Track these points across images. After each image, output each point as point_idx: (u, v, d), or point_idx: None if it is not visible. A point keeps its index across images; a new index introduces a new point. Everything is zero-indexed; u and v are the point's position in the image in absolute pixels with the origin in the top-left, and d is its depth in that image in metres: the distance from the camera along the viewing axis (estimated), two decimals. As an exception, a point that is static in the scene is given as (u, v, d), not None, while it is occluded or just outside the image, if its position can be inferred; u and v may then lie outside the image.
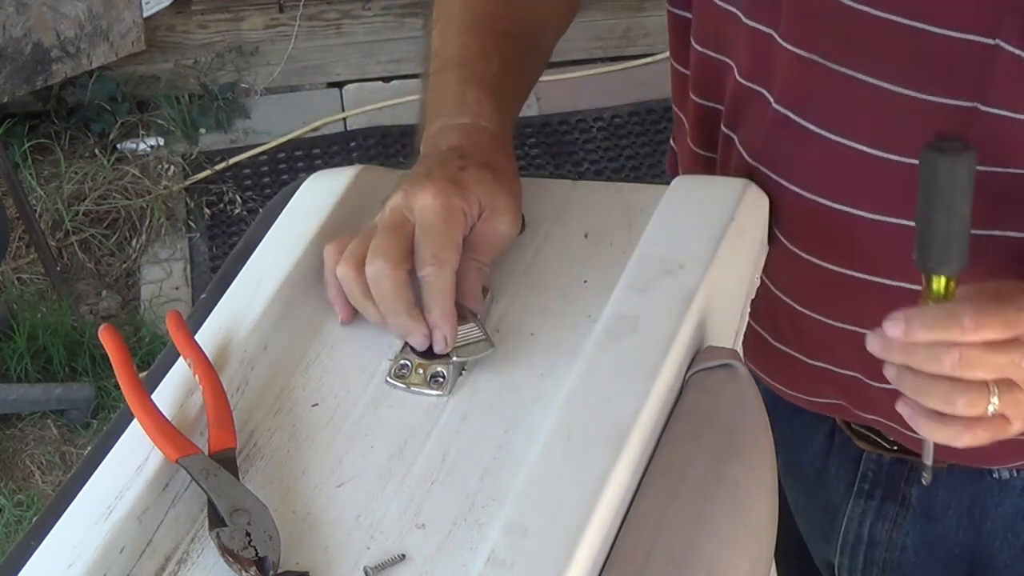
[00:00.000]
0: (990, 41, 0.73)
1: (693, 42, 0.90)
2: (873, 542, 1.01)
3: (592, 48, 3.14)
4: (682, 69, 0.95)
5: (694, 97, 0.93)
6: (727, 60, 0.87)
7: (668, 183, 0.86)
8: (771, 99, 0.84)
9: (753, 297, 0.89)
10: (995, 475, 0.95)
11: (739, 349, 0.86)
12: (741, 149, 0.88)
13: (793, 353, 0.94)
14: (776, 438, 1.04)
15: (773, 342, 0.95)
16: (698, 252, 0.79)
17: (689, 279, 0.77)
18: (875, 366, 0.89)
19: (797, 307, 0.91)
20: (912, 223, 0.78)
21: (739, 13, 0.84)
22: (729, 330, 0.84)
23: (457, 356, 0.77)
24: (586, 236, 0.85)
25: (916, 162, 0.74)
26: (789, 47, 0.81)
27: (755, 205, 0.84)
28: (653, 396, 0.70)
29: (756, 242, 0.86)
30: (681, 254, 0.79)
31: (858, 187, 0.82)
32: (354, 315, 0.80)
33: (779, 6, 0.81)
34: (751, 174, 0.87)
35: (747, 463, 0.72)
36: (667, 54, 0.98)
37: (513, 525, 0.64)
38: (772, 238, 0.88)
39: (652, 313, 0.75)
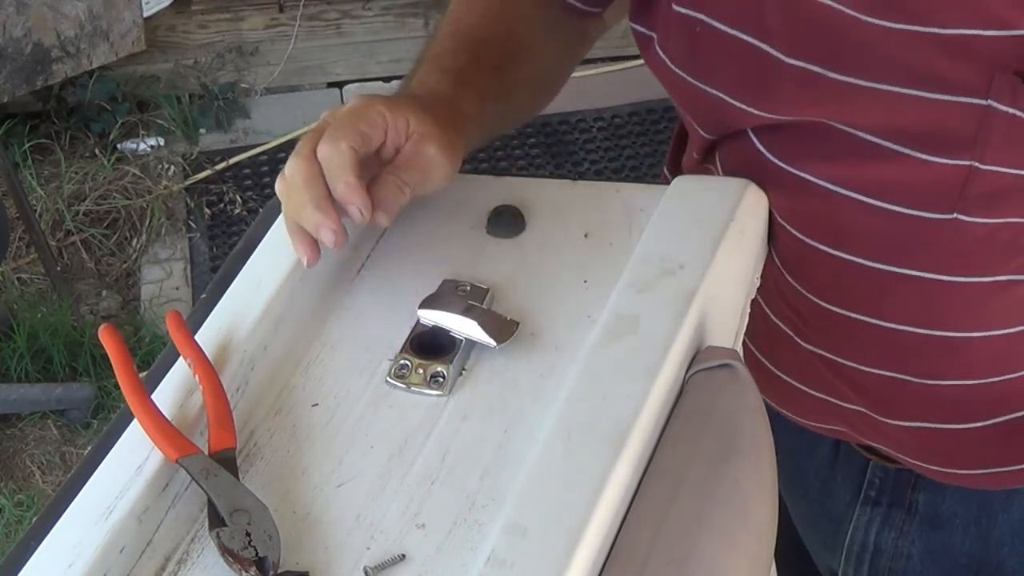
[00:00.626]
0: (982, 102, 0.73)
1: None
2: (879, 550, 1.01)
3: (592, 48, 3.13)
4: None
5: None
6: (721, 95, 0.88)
7: (668, 183, 0.86)
8: (762, 148, 0.84)
9: (753, 298, 0.89)
10: None
11: (739, 349, 0.86)
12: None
13: (796, 384, 0.94)
14: (780, 447, 1.05)
15: (776, 372, 0.95)
16: (698, 252, 0.79)
17: (689, 279, 0.77)
18: (880, 401, 0.90)
19: (799, 341, 0.91)
20: (911, 272, 0.80)
21: (721, 94, 0.84)
22: (729, 330, 0.84)
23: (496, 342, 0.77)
24: (586, 236, 0.85)
25: (920, 214, 0.75)
26: (776, 117, 0.81)
27: (755, 205, 0.84)
28: (653, 396, 0.70)
29: (756, 242, 0.86)
30: (681, 254, 0.78)
31: (854, 236, 0.83)
32: (316, 253, 0.78)
33: (761, 81, 0.81)
34: None
35: (747, 463, 0.71)
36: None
37: (513, 525, 0.64)
38: (771, 263, 0.89)
39: (652, 313, 0.75)
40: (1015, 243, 0.79)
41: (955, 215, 0.78)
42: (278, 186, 0.78)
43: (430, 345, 0.78)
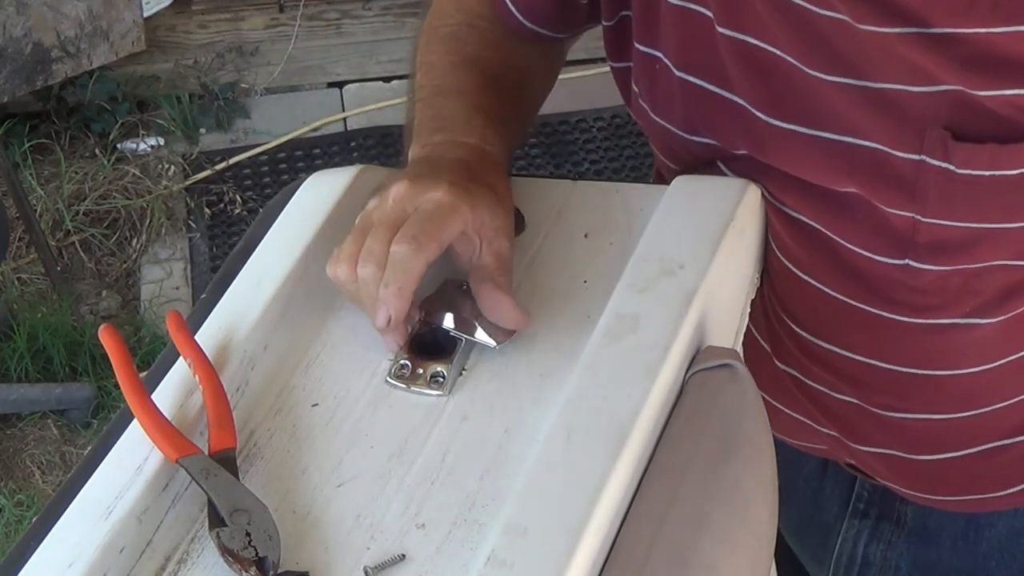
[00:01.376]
0: (916, 157, 0.73)
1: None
2: (867, 563, 1.00)
3: (592, 48, 3.12)
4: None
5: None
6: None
7: (668, 183, 0.86)
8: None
9: (753, 296, 0.89)
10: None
11: (739, 349, 0.86)
12: None
13: (773, 403, 0.94)
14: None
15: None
16: (698, 252, 0.79)
17: (689, 279, 0.77)
18: (849, 428, 0.91)
19: (775, 361, 0.92)
20: (872, 309, 0.82)
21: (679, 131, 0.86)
22: (729, 330, 0.84)
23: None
24: (586, 236, 0.85)
25: (876, 257, 0.77)
26: (732, 152, 0.82)
27: (755, 205, 0.84)
28: (653, 396, 0.70)
29: (756, 242, 0.86)
30: (681, 254, 0.78)
31: (822, 265, 0.83)
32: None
33: (716, 123, 0.82)
34: None
35: (747, 463, 0.71)
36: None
37: (513, 525, 0.64)
38: (762, 287, 0.90)
39: (652, 313, 0.75)
40: (966, 288, 0.80)
41: (907, 261, 0.79)
42: (332, 267, 0.77)
43: (430, 345, 0.78)
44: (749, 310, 0.88)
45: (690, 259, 0.78)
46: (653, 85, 0.86)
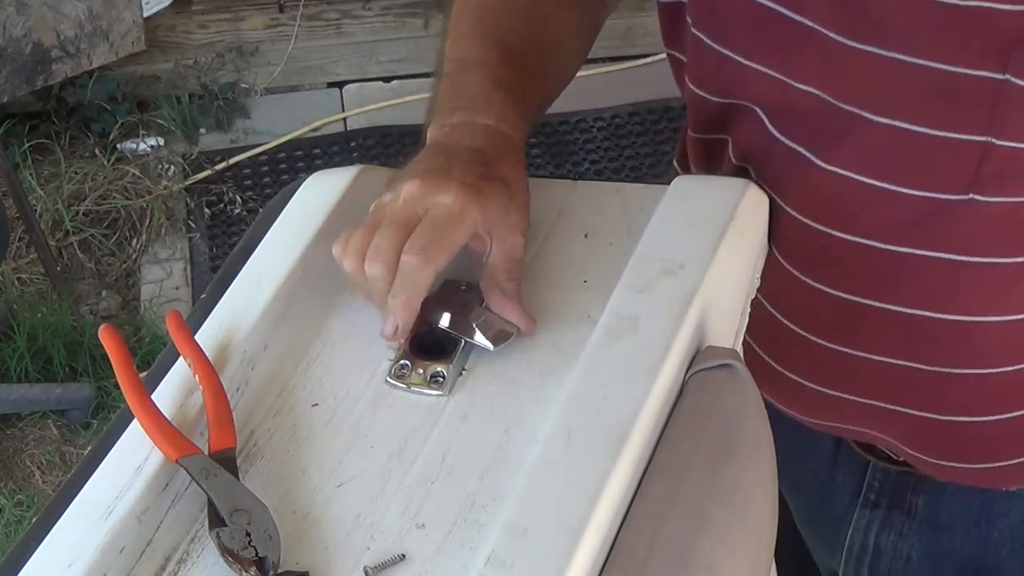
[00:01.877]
0: (1000, 76, 0.72)
1: (690, 85, 0.90)
2: (878, 552, 1.00)
3: (592, 48, 3.13)
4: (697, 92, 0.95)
5: (693, 133, 0.93)
6: (740, 102, 0.87)
7: (668, 183, 0.86)
8: (775, 131, 0.84)
9: (751, 308, 0.89)
10: (1003, 486, 0.95)
11: (739, 349, 0.86)
12: (754, 179, 0.87)
13: (803, 382, 0.93)
14: (781, 448, 1.05)
15: (782, 370, 0.94)
16: (698, 252, 0.79)
17: (689, 279, 0.77)
18: (892, 393, 0.90)
19: (809, 336, 0.90)
20: (925, 253, 0.79)
21: (740, 58, 0.84)
22: (729, 330, 0.84)
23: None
24: (586, 236, 0.85)
25: (935, 196, 0.75)
26: (795, 84, 0.80)
27: (755, 205, 0.84)
28: (653, 396, 0.70)
29: (756, 242, 0.86)
30: (681, 254, 0.78)
31: (868, 220, 0.82)
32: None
33: (781, 47, 0.80)
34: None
35: (747, 463, 0.71)
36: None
37: (513, 525, 0.64)
38: (777, 264, 0.88)
39: (652, 313, 0.75)
40: None
41: (971, 195, 0.77)
42: (345, 262, 0.78)
43: (430, 345, 0.78)
44: (750, 310, 0.88)
45: (690, 259, 0.78)
46: (713, 12, 0.85)
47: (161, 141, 2.92)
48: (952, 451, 0.93)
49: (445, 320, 0.78)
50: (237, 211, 2.80)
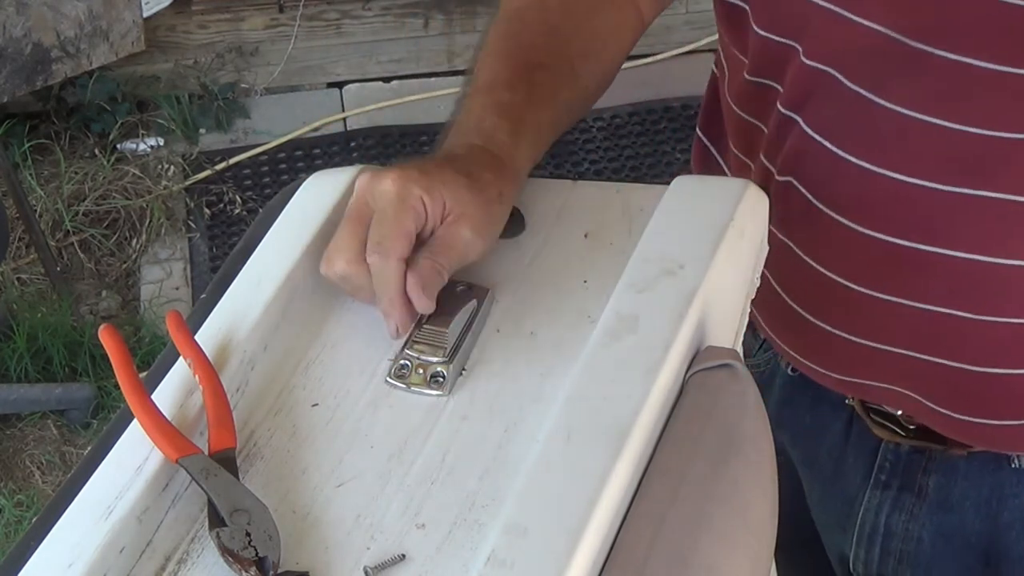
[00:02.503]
0: None
1: (755, 27, 0.90)
2: (889, 533, 1.01)
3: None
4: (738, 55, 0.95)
5: (749, 76, 0.93)
6: (791, 43, 0.87)
7: (668, 183, 0.86)
8: (843, 79, 0.83)
9: (765, 280, 0.88)
10: (1015, 465, 0.96)
11: (739, 349, 0.86)
12: (804, 126, 0.87)
13: (839, 333, 0.93)
14: (793, 429, 1.05)
15: (812, 319, 0.94)
16: (698, 252, 0.79)
17: (689, 279, 0.77)
18: (932, 343, 0.90)
19: (850, 284, 0.90)
20: (980, 193, 0.79)
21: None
22: (729, 330, 0.84)
23: (413, 352, 0.78)
24: (586, 236, 0.85)
25: (994, 134, 0.75)
26: (867, 24, 0.80)
27: (755, 205, 0.84)
28: (653, 396, 0.70)
29: (756, 242, 0.86)
30: (681, 254, 0.78)
31: (924, 159, 0.82)
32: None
33: None
34: (810, 149, 0.87)
35: (747, 463, 0.71)
36: (667, 54, 0.99)
37: (513, 525, 0.64)
38: (819, 213, 0.88)
39: (652, 313, 0.75)
40: None
41: None
42: (322, 270, 0.80)
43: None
44: (750, 310, 0.88)
45: (690, 259, 0.78)
46: None
47: (161, 141, 2.92)
48: (981, 406, 0.92)
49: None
50: (237, 211, 2.80)
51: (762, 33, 0.89)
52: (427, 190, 0.77)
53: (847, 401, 1.00)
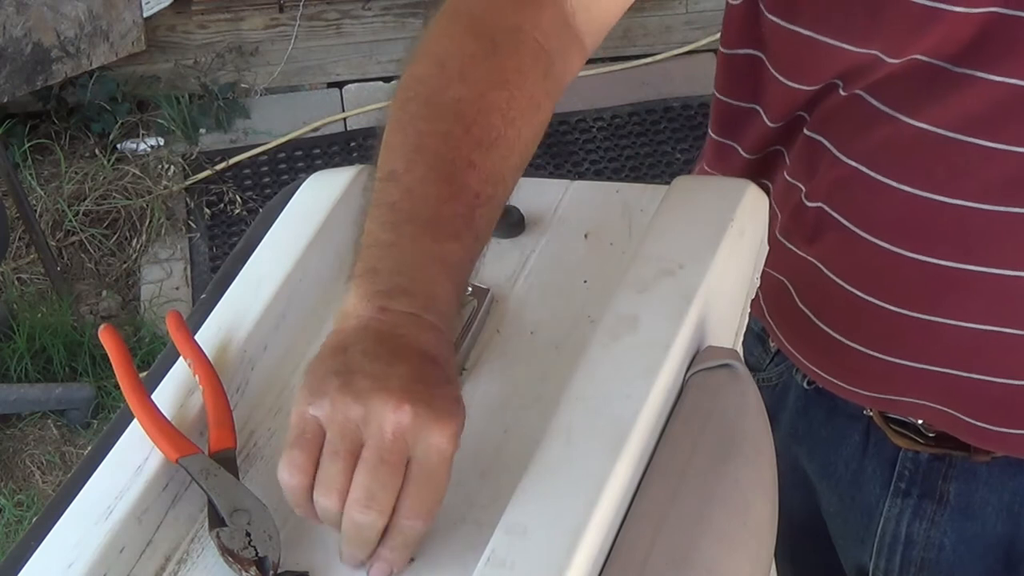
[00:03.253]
0: None
1: (784, 80, 0.89)
2: (911, 542, 1.01)
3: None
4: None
5: (771, 123, 0.92)
6: (827, 83, 0.86)
7: (668, 183, 0.86)
8: (875, 102, 0.83)
9: (791, 298, 0.88)
10: None
11: (739, 349, 0.86)
12: (835, 151, 0.87)
13: (874, 354, 0.93)
14: (810, 442, 1.04)
15: (840, 338, 0.94)
16: (698, 252, 0.79)
17: (689, 279, 0.77)
18: (976, 360, 0.89)
19: (887, 305, 0.90)
20: (1019, 210, 0.79)
21: (831, 40, 0.83)
22: (729, 330, 0.84)
23: None
24: (586, 236, 0.85)
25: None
26: (902, 60, 0.80)
27: (755, 205, 0.84)
28: (653, 396, 0.70)
29: (756, 242, 0.86)
30: (681, 254, 0.78)
31: (964, 179, 0.82)
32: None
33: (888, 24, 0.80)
34: (843, 174, 0.87)
35: (747, 463, 0.71)
36: (667, 54, 0.98)
37: (513, 525, 0.64)
38: (852, 237, 0.88)
39: (652, 313, 0.75)
40: None
41: None
42: (322, 500, 0.66)
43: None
44: (749, 310, 0.88)
45: (690, 259, 0.78)
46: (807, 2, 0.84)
47: (161, 141, 2.92)
48: (1013, 416, 0.92)
49: None
50: (237, 211, 2.80)
51: (793, 85, 0.88)
52: (462, 429, 0.67)
53: (865, 411, 1.00)
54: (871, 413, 1.00)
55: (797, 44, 0.84)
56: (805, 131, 0.89)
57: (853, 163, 0.86)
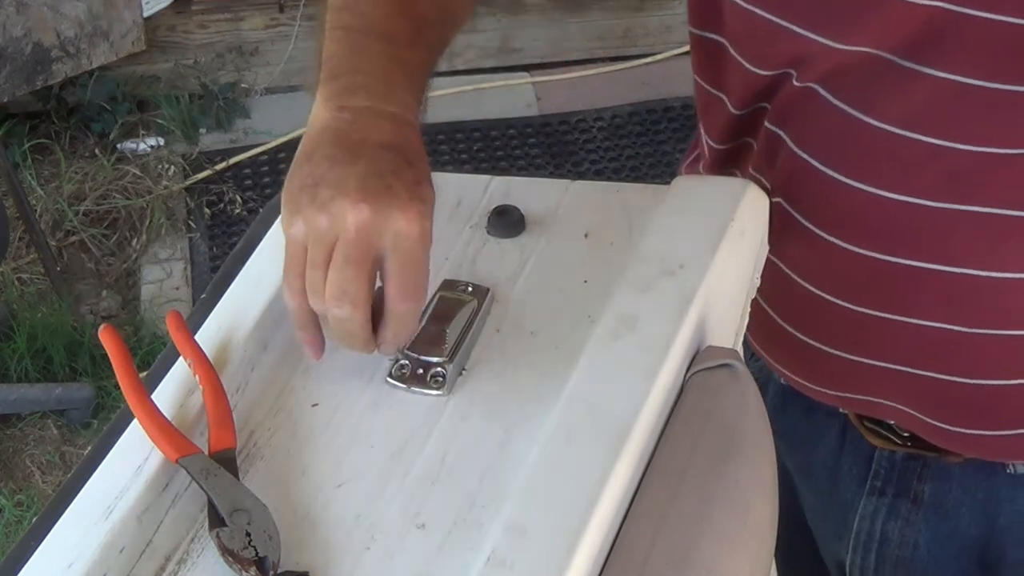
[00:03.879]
0: None
1: (745, 64, 0.89)
2: (885, 540, 1.01)
3: (592, 48, 3.13)
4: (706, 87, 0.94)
5: (736, 110, 0.92)
6: (784, 71, 0.86)
7: (668, 183, 0.86)
8: (829, 96, 0.83)
9: (754, 296, 0.89)
10: (1009, 470, 0.95)
11: (739, 349, 0.86)
12: (791, 145, 0.87)
13: (830, 350, 0.93)
14: (788, 438, 1.05)
15: (801, 337, 0.94)
16: (698, 252, 0.79)
17: (689, 279, 0.77)
18: (929, 356, 0.89)
19: (840, 302, 0.90)
20: (970, 208, 0.79)
21: (795, 27, 0.82)
22: (729, 330, 0.84)
23: (413, 352, 0.77)
24: (586, 236, 0.85)
25: (986, 150, 0.75)
26: (855, 48, 0.80)
27: (755, 205, 0.84)
28: (653, 396, 0.70)
29: (756, 242, 0.86)
30: (681, 254, 0.79)
31: (915, 177, 0.82)
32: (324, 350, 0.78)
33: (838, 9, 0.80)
34: (797, 168, 0.86)
35: (747, 463, 0.72)
36: (667, 54, 0.98)
37: (513, 525, 0.64)
38: (807, 232, 0.88)
39: (652, 313, 0.75)
40: None
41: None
42: (311, 301, 0.74)
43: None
44: (750, 310, 0.88)
45: (690, 259, 0.78)
46: None
47: (161, 141, 2.92)
48: (973, 417, 0.92)
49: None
50: (237, 211, 2.80)
51: (752, 69, 0.88)
52: (431, 218, 0.73)
53: (841, 410, 1.00)
54: (846, 411, 1.00)
55: (753, 24, 0.84)
56: (766, 123, 0.89)
57: (807, 157, 0.85)
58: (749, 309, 0.88)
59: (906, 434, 0.97)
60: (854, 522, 1.02)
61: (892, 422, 0.97)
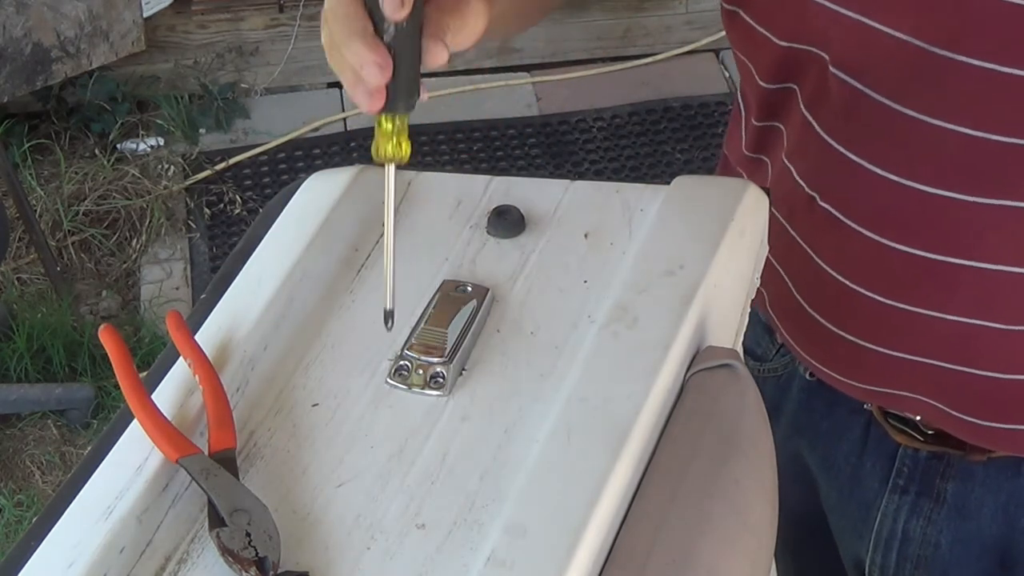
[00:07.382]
0: None
1: (774, 39, 0.89)
2: (907, 538, 1.01)
3: (592, 48, 3.14)
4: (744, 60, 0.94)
5: (765, 83, 0.92)
6: (815, 50, 0.86)
7: (668, 183, 0.86)
8: (865, 88, 0.83)
9: (786, 287, 0.88)
10: None
11: (739, 349, 0.86)
12: (823, 134, 0.87)
13: (864, 344, 0.93)
14: (811, 435, 1.05)
15: (832, 328, 0.94)
16: (698, 252, 0.79)
17: (689, 279, 0.77)
18: (957, 352, 0.90)
19: (875, 296, 0.90)
20: (1004, 203, 0.79)
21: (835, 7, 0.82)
22: (729, 330, 0.84)
23: (413, 353, 0.77)
24: (586, 236, 0.85)
25: (1012, 140, 0.74)
26: (890, 31, 0.79)
27: (755, 205, 0.84)
28: (653, 396, 0.71)
29: (756, 242, 0.86)
30: (681, 254, 0.79)
31: (952, 170, 0.82)
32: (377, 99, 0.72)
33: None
34: (832, 161, 0.86)
35: (747, 463, 0.72)
36: (667, 54, 0.98)
37: (513, 525, 0.64)
38: (841, 225, 0.88)
39: (652, 313, 0.75)
40: None
41: None
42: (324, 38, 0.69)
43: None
44: (749, 310, 0.88)
45: (690, 259, 0.78)
46: None
47: (161, 141, 2.92)
48: (1004, 411, 0.92)
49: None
50: (237, 211, 2.80)
51: (783, 43, 0.88)
52: None
53: (865, 406, 1.00)
54: (871, 408, 1.00)
55: None
56: (799, 109, 0.89)
57: (841, 148, 0.86)
58: (749, 309, 0.88)
59: (930, 432, 0.97)
60: (875, 520, 1.02)
61: (917, 418, 0.97)
